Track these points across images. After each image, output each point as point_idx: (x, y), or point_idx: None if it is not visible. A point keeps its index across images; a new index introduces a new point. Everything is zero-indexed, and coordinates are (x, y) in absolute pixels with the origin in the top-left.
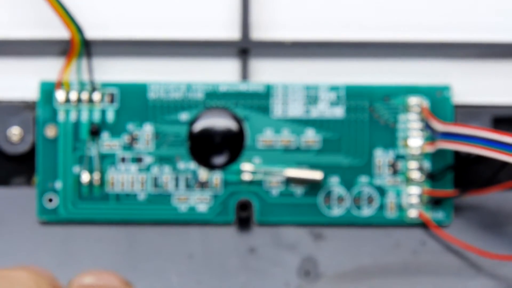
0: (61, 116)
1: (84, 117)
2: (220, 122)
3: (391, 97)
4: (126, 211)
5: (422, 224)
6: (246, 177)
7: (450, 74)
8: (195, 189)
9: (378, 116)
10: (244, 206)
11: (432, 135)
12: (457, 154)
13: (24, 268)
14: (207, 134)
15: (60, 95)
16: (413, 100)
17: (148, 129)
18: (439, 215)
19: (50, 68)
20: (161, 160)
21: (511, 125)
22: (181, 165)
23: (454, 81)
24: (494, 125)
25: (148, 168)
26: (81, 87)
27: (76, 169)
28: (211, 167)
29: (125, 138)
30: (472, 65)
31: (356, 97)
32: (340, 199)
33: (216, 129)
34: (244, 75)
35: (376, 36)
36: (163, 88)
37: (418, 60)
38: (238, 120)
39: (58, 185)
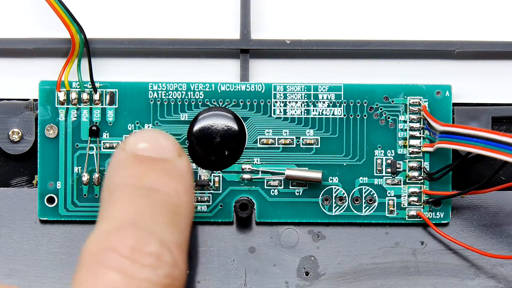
0: (61, 116)
1: (84, 117)
2: (220, 122)
3: (390, 97)
4: None
5: (421, 224)
6: (246, 177)
7: (450, 74)
8: (195, 189)
9: (378, 116)
10: (244, 206)
11: (431, 135)
12: (456, 154)
13: None
14: (207, 134)
15: (60, 95)
16: (413, 100)
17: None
18: (438, 214)
19: (50, 68)
20: None
21: (510, 125)
22: None
23: (453, 81)
24: (493, 125)
25: None
26: (81, 87)
27: (76, 169)
28: (211, 167)
29: (125, 138)
30: (472, 65)
31: (355, 97)
32: (340, 198)
33: (216, 129)
34: (244, 75)
35: (376, 36)
36: (163, 88)
37: (418, 60)
38: (238, 120)
39: (58, 185)
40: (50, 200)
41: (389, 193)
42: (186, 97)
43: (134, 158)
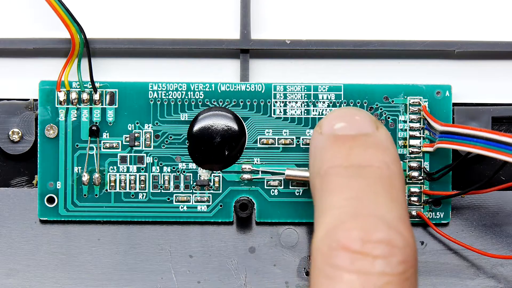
0: (61, 116)
1: (84, 117)
2: (220, 122)
3: (390, 97)
4: (126, 211)
5: (421, 224)
6: (246, 177)
7: (450, 74)
8: (195, 189)
9: (378, 116)
10: (244, 206)
11: (431, 135)
12: (456, 154)
13: None
14: (207, 134)
15: (60, 95)
16: (413, 100)
17: (148, 129)
18: (438, 214)
19: (50, 68)
20: (161, 160)
21: (510, 125)
22: (181, 165)
23: (453, 81)
24: (493, 125)
25: (148, 168)
26: (81, 87)
27: (76, 169)
28: (211, 167)
29: (125, 138)
30: (472, 65)
31: (355, 97)
32: None
33: (216, 129)
34: (244, 75)
35: (376, 36)
36: (163, 88)
37: (418, 60)
38: (238, 120)
39: (58, 185)
40: (50, 200)
41: None
42: (186, 97)
43: (335, 139)
